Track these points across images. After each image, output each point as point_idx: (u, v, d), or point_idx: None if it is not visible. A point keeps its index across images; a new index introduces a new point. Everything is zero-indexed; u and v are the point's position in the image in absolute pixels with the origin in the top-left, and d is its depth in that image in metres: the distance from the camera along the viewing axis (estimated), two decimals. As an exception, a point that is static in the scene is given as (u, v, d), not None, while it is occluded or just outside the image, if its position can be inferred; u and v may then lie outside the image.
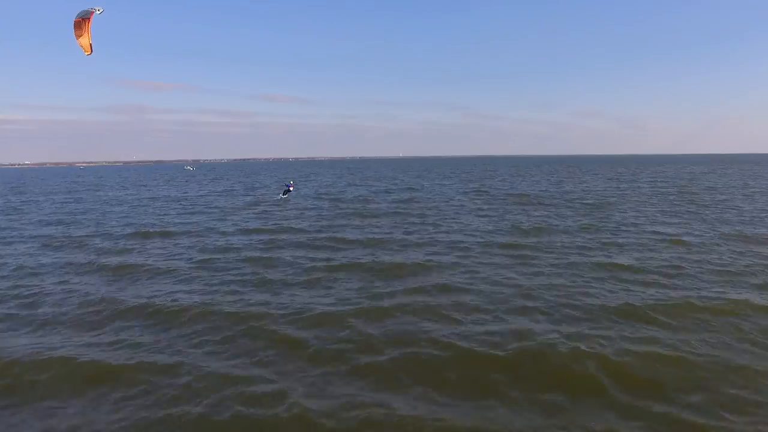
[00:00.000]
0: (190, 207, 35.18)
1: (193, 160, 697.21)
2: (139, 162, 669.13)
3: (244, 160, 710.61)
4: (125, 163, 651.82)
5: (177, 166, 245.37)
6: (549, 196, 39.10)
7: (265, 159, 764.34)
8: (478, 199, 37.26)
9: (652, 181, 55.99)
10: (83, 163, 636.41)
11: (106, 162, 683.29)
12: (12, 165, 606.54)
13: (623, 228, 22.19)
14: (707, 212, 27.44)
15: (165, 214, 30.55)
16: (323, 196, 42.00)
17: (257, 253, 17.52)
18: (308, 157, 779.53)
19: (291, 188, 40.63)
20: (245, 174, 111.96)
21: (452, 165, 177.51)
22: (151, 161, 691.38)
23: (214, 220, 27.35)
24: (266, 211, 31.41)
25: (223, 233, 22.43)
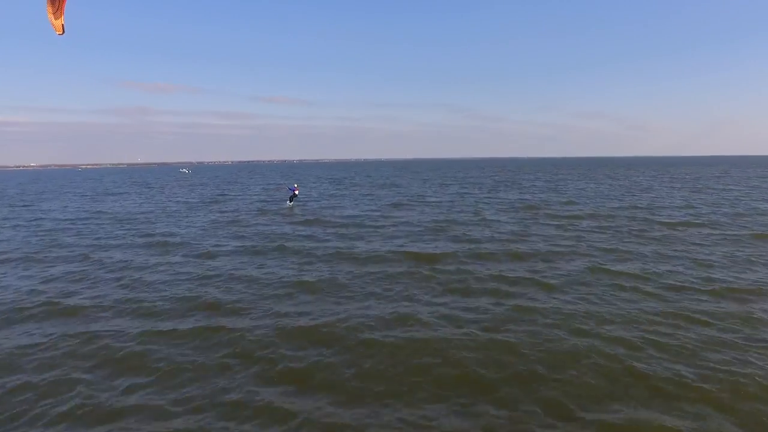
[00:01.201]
0: (109, 240, 23.07)
1: (198, 162, 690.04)
2: (143, 164, 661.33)
3: (248, 162, 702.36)
4: (129, 165, 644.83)
5: (174, 169, 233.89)
6: (636, 216, 26.50)
7: (269, 161, 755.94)
8: (543, 225, 24.75)
9: (738, 188, 43.31)
10: (88, 165, 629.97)
11: (110, 164, 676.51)
12: (17, 167, 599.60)
13: None
14: None
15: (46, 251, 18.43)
16: (311, 215, 29.81)
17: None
18: (312, 160, 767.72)
19: (296, 191, 35.58)
20: (237, 178, 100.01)
21: (458, 167, 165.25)
22: (155, 163, 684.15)
23: (91, 283, 15.18)
24: (212, 252, 19.17)
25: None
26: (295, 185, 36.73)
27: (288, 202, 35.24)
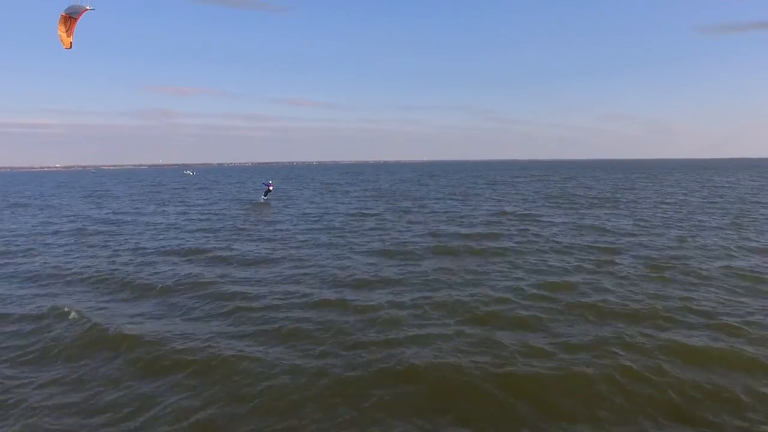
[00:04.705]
0: None
1: (218, 164, 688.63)
2: (164, 165, 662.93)
3: (268, 163, 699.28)
4: (150, 166, 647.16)
5: (177, 171, 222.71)
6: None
7: (290, 162, 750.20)
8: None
9: None
10: (110, 166, 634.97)
11: (132, 165, 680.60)
12: (42, 168, 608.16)
13: None
14: None
15: None
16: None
17: None
18: (331, 161, 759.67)
19: (270, 188, 39.30)
20: (236, 180, 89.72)
21: (483, 170, 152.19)
22: (177, 164, 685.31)
23: None
24: None
25: None
26: (270, 182, 41.12)
27: (263, 196, 39.36)
